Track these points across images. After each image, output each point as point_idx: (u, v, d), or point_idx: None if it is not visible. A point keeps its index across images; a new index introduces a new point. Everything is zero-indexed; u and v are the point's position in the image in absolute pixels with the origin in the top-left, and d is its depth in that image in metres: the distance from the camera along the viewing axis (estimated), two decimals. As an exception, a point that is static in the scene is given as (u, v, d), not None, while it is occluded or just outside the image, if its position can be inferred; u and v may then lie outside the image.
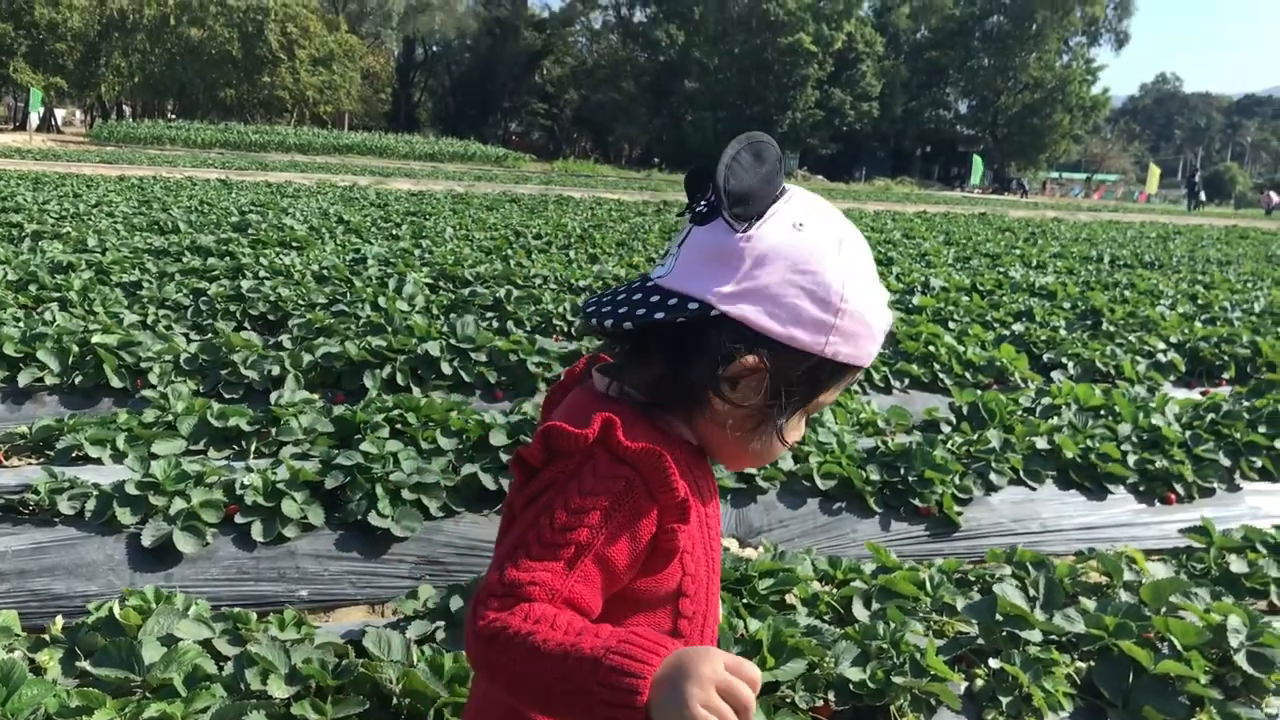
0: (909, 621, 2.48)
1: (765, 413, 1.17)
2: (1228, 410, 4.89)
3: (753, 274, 1.13)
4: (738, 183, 1.12)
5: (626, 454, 1.09)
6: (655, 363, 1.18)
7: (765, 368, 1.13)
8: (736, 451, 1.22)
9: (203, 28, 56.23)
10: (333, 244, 10.60)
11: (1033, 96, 65.79)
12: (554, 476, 1.11)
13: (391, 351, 5.35)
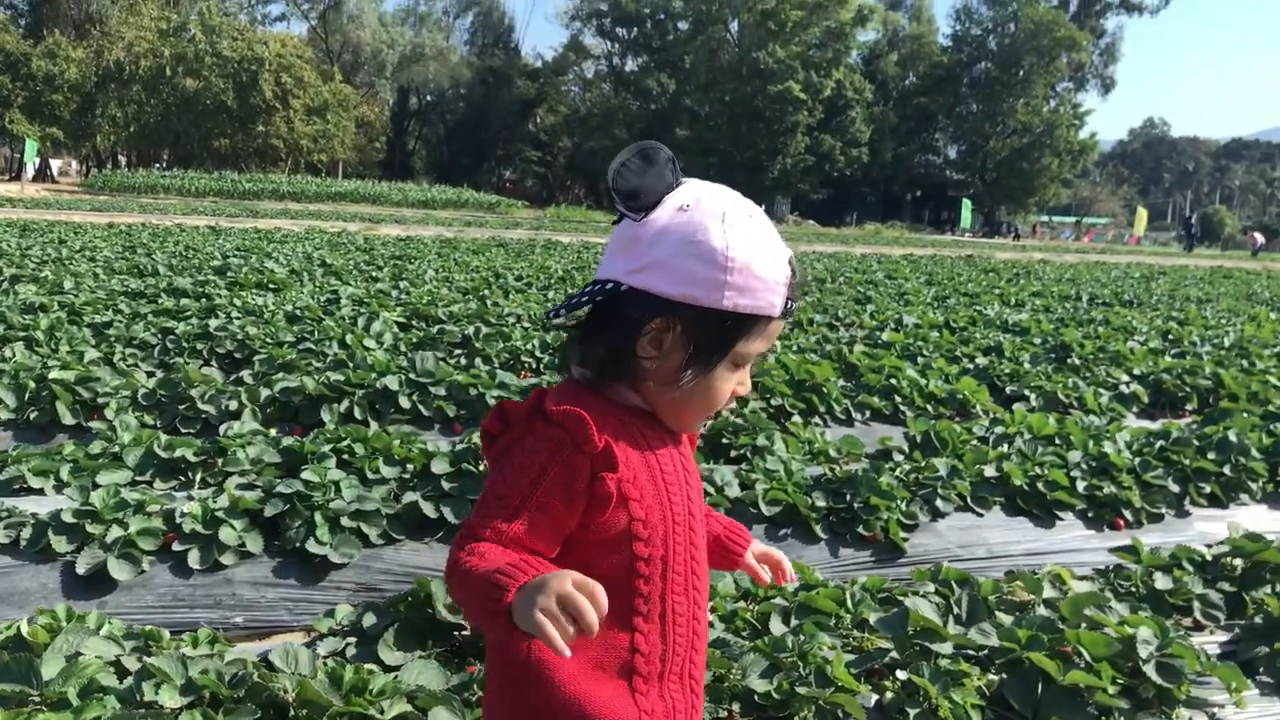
0: (819, 635, 2.49)
1: (689, 367, 1.35)
2: (1178, 437, 4.92)
3: (649, 251, 1.33)
4: (625, 183, 1.34)
5: (554, 416, 1.31)
6: (603, 342, 1.39)
7: (670, 328, 1.34)
8: (676, 407, 1.41)
9: (198, 78, 56.81)
10: (311, 286, 10.66)
11: (1021, 141, 66.49)
12: (505, 443, 1.35)
13: (350, 386, 5.37)
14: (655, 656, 1.40)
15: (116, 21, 57.79)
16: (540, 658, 1.35)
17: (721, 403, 1.42)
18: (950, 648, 2.50)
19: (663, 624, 1.41)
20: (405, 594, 2.67)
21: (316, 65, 63.75)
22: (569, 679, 1.35)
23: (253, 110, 58.52)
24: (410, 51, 71.75)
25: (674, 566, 1.41)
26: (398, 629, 2.55)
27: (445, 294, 10.15)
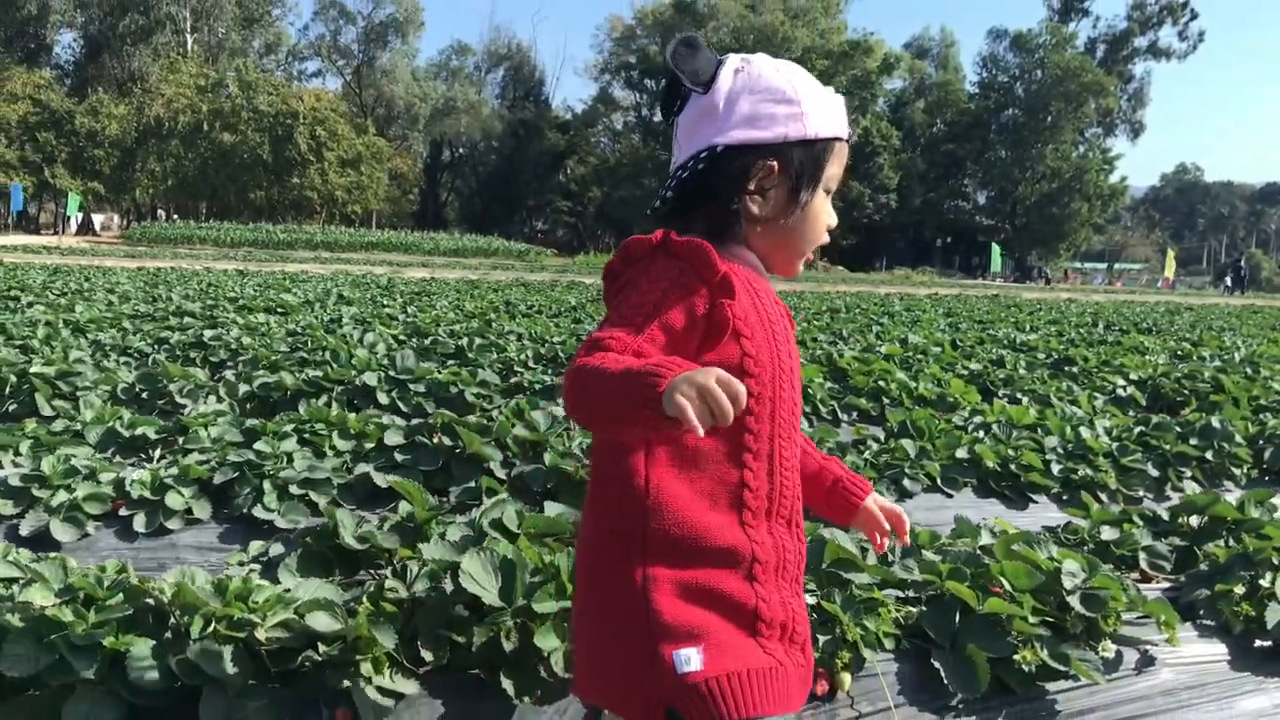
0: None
1: (794, 199, 1.50)
2: (1159, 423, 4.83)
3: (729, 112, 1.48)
4: (686, 64, 1.48)
5: (677, 248, 1.40)
6: (699, 213, 1.51)
7: (778, 167, 1.48)
8: (786, 246, 1.55)
9: (235, 133, 58.08)
10: (320, 311, 10.76)
11: (1050, 186, 66.25)
12: (629, 276, 1.44)
13: (329, 381, 5.40)
14: (763, 494, 1.48)
15: (157, 79, 59.38)
16: (659, 486, 1.42)
17: (823, 232, 1.58)
18: (867, 578, 2.44)
19: (770, 464, 1.49)
20: (313, 526, 2.65)
21: (350, 119, 65.00)
22: (684, 506, 1.42)
23: (288, 163, 59.67)
24: (443, 105, 73.04)
25: (780, 413, 1.50)
26: (301, 555, 2.53)
27: (450, 317, 10.21)
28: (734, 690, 1.37)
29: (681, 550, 1.41)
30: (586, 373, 1.30)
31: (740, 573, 1.44)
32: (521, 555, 2.21)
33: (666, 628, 1.38)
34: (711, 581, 1.41)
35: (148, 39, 63.77)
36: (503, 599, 2.15)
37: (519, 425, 4.11)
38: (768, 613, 1.44)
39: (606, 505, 1.49)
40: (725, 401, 1.18)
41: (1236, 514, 3.10)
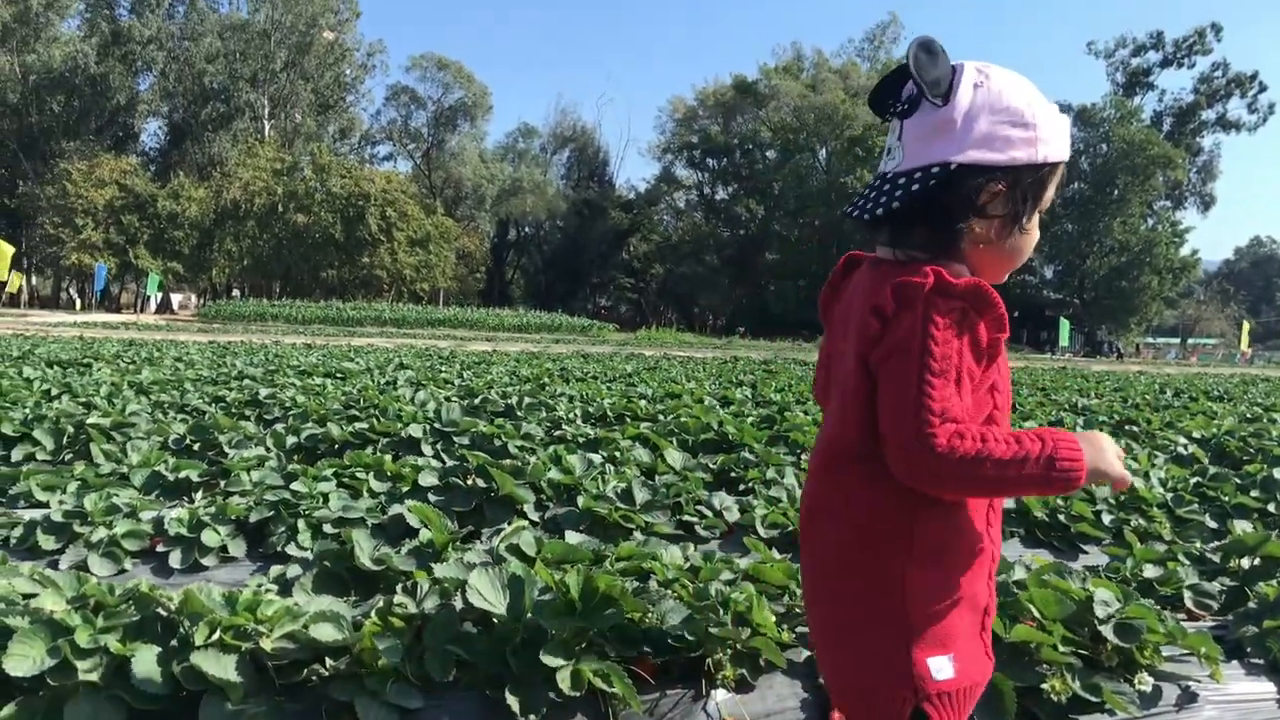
0: (748, 587, 2.38)
1: (1015, 221, 1.53)
2: (1216, 474, 4.66)
3: (968, 129, 1.48)
4: (928, 73, 1.47)
5: (957, 290, 1.42)
6: (921, 226, 1.52)
7: (1005, 188, 1.49)
8: (998, 264, 1.57)
9: (308, 214, 59.92)
10: (378, 376, 10.93)
11: (1119, 260, 65.30)
12: (911, 324, 1.42)
13: (374, 434, 5.45)
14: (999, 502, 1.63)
15: (235, 163, 61.65)
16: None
17: (1030, 250, 1.60)
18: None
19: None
20: (331, 548, 2.65)
21: (420, 199, 66.71)
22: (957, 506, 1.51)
23: (359, 242, 61.29)
24: (509, 185, 74.69)
25: (1007, 414, 1.57)
26: (317, 575, 2.53)
27: (504, 381, 10.30)
28: (965, 700, 1.49)
29: (946, 550, 1.50)
30: (979, 461, 1.36)
31: (984, 573, 1.55)
32: (531, 573, 2.19)
33: (922, 634, 1.46)
34: (964, 585, 1.50)
35: (228, 125, 66.46)
36: (510, 615, 2.13)
37: (554, 469, 4.10)
38: (992, 609, 1.57)
39: (866, 504, 1.52)
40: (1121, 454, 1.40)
41: (1289, 553, 2.97)
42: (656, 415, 7.15)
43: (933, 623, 1.46)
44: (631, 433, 5.86)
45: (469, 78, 73.86)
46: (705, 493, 4.20)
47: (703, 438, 5.93)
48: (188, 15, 66.41)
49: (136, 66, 64.73)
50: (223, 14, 67.54)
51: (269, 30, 66.03)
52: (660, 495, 4.01)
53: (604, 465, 4.45)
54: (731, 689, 2.17)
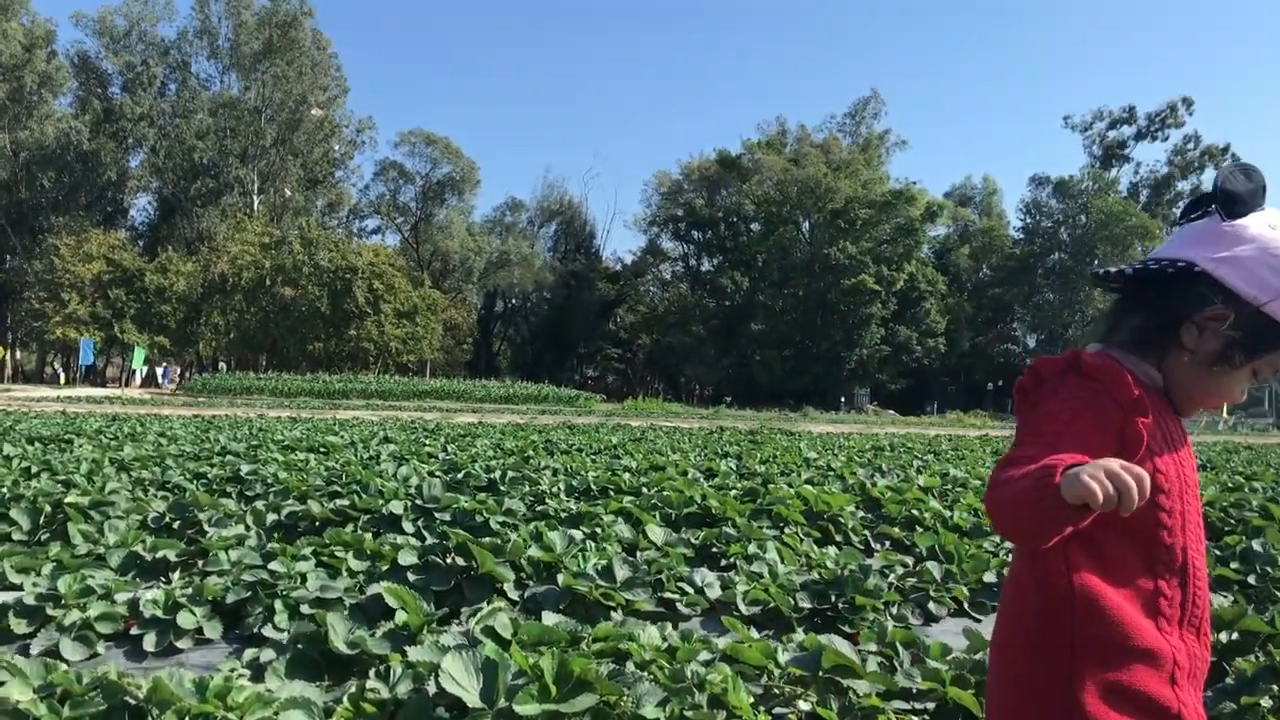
0: (724, 667, 2.37)
1: (1221, 357, 1.52)
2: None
3: (1233, 248, 1.50)
4: (1236, 186, 1.52)
5: (1090, 369, 1.47)
6: (1139, 312, 1.57)
7: (1229, 315, 1.49)
8: (1194, 390, 1.57)
9: (296, 287, 60.08)
10: (362, 451, 10.88)
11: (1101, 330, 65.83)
12: (1041, 394, 1.50)
13: (355, 510, 5.43)
14: (1177, 603, 1.51)
15: (223, 238, 61.98)
16: (1084, 588, 1.46)
17: (1229, 399, 1.59)
18: (866, 685, 2.36)
19: (1183, 575, 1.52)
20: (305, 632, 2.63)
21: (407, 272, 67.00)
22: (1112, 607, 1.45)
23: (346, 315, 61.37)
24: (497, 258, 75.19)
25: (1189, 525, 1.54)
26: (290, 660, 2.51)
27: (489, 454, 10.27)
28: None
29: (1109, 650, 1.45)
30: (998, 484, 1.38)
31: (1164, 676, 1.47)
32: (505, 657, 2.18)
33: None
34: (1137, 684, 1.44)
35: (217, 200, 66.95)
36: (483, 700, 2.12)
37: (534, 546, 4.09)
38: (1188, 717, 1.47)
39: (1032, 607, 1.52)
40: (1129, 479, 1.22)
41: (1268, 628, 2.97)
42: (640, 488, 7.14)
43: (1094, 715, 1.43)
44: (614, 507, 5.84)
45: (456, 152, 74.76)
46: (687, 569, 4.19)
47: (686, 511, 5.92)
48: (179, 93, 67.29)
49: (128, 143, 65.36)
50: (214, 91, 68.45)
51: (259, 107, 66.89)
52: (641, 572, 3.99)
53: (585, 542, 4.44)
54: (707, 773, 2.15)
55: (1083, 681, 1.45)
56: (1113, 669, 1.45)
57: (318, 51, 69.29)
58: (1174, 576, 1.51)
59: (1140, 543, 1.49)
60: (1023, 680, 1.52)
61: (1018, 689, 1.53)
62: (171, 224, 67.97)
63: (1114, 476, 1.23)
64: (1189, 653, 1.51)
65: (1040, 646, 1.50)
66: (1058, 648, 1.47)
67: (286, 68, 66.36)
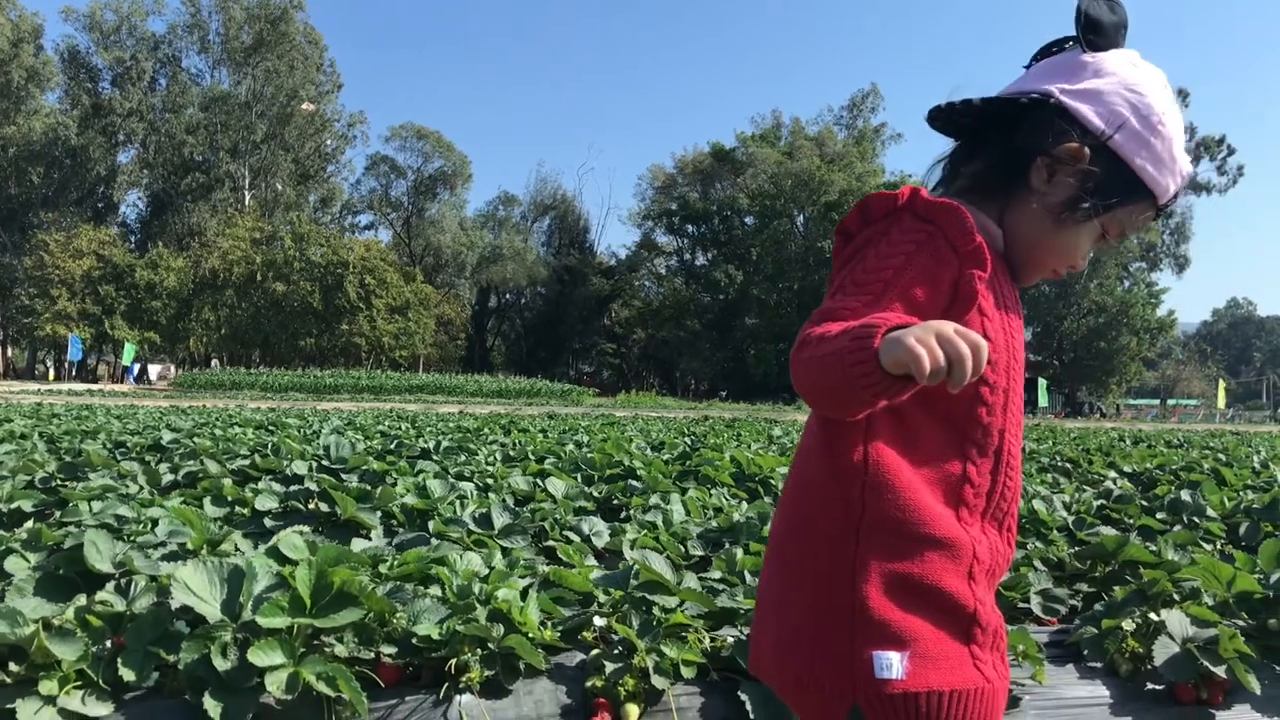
0: (514, 583, 2.15)
1: (1071, 204, 1.35)
2: (1120, 495, 4.44)
3: (1092, 80, 1.34)
4: (1098, 14, 1.35)
5: (928, 210, 1.26)
6: (981, 156, 1.39)
7: (1085, 156, 1.33)
8: (1038, 246, 1.39)
9: (287, 282, 59.86)
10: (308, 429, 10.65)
11: (1097, 321, 65.62)
12: (866, 237, 1.29)
13: (256, 470, 5.22)
14: (984, 491, 1.33)
15: (214, 233, 61.75)
16: (879, 462, 1.28)
17: (1073, 260, 1.42)
18: (676, 601, 2.14)
19: (996, 461, 1.34)
20: (66, 550, 2.40)
21: (399, 267, 66.77)
22: (907, 486, 1.27)
23: (337, 310, 61.18)
24: (489, 253, 74.96)
25: (1012, 407, 1.36)
26: (41, 578, 2.21)
27: (440, 428, 10.05)
28: (931, 710, 1.23)
29: (901, 535, 1.27)
30: (810, 341, 1.18)
31: (961, 570, 1.29)
32: (253, 566, 1.96)
33: (871, 623, 1.25)
34: (930, 577, 1.26)
35: (208, 196, 66.76)
36: (224, 612, 1.89)
37: (410, 494, 3.87)
38: (985, 616, 1.30)
39: (816, 481, 1.34)
40: (963, 348, 1.04)
41: (1151, 557, 2.75)
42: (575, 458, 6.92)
43: (885, 614, 1.24)
44: (533, 469, 5.63)
45: (448, 147, 74.57)
46: (575, 519, 3.96)
47: (608, 473, 5.70)
48: (169, 88, 67.06)
49: (117, 139, 65.17)
50: (204, 86, 68.25)
51: (250, 102, 66.67)
52: (523, 520, 3.77)
53: (476, 493, 4.22)
54: (477, 693, 1.93)
55: (867, 571, 1.26)
56: (902, 559, 1.26)
57: (309, 46, 69.09)
58: (986, 461, 1.32)
59: (954, 420, 1.30)
60: (801, 564, 1.33)
61: (795, 574, 1.34)
62: (162, 220, 67.76)
63: (947, 343, 1.04)
64: (990, 546, 1.33)
65: (823, 528, 1.30)
66: (843, 531, 1.28)
67: (277, 62, 66.15)
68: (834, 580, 1.28)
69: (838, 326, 1.16)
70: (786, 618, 1.33)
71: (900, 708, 1.22)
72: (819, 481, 1.33)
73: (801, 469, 1.38)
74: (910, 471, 1.28)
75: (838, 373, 1.11)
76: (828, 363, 1.12)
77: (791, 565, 1.35)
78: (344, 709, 1.86)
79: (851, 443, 1.28)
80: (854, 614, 1.25)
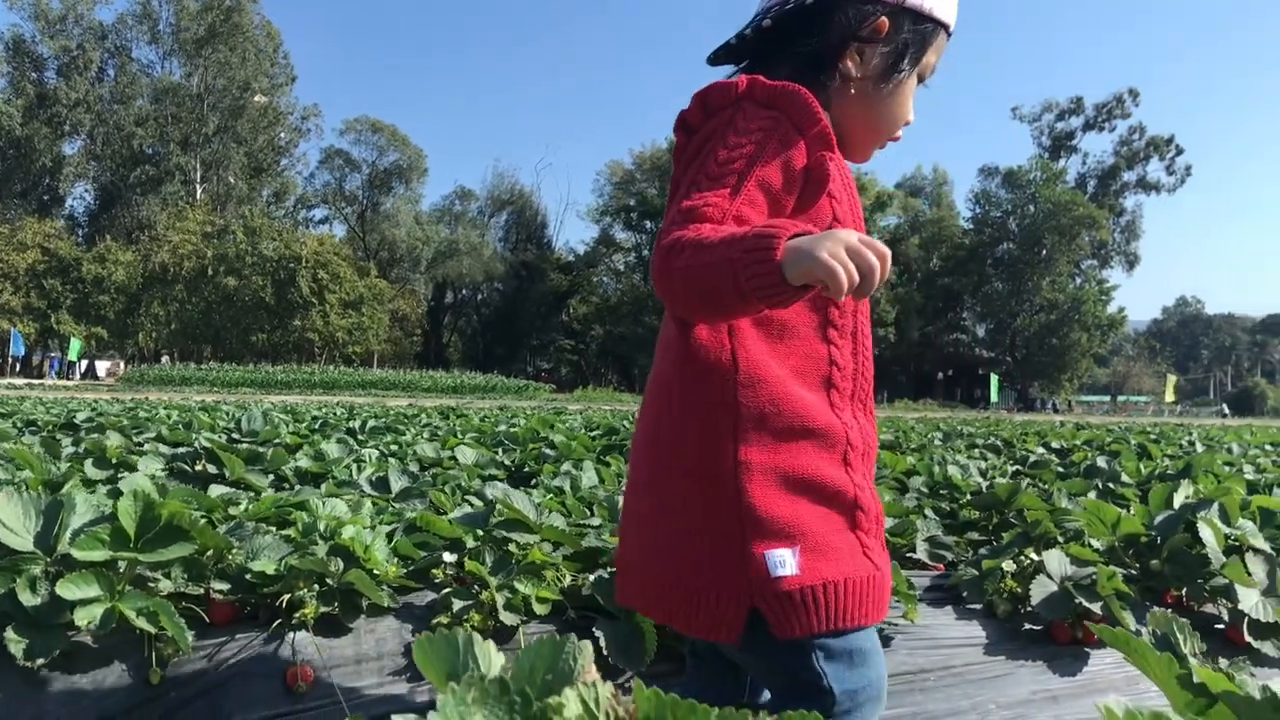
0: (358, 517, 2.05)
1: (891, 70, 1.36)
2: (1036, 461, 4.42)
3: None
4: None
5: (769, 95, 1.24)
6: (791, 55, 1.35)
7: (887, 26, 1.34)
8: (868, 122, 1.40)
9: (239, 277, 59.02)
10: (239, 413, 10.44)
11: (1049, 318, 66.50)
12: (711, 129, 1.26)
13: (167, 444, 5.05)
14: (849, 373, 1.35)
15: (164, 226, 60.74)
16: (749, 359, 1.26)
17: (904, 120, 1.43)
18: (536, 538, 2.05)
19: (854, 341, 1.36)
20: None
21: (354, 262, 66.08)
22: (777, 380, 1.26)
23: (290, 306, 60.43)
24: (445, 248, 74.42)
25: (860, 313, 1.38)
26: None
27: (372, 412, 9.89)
28: (829, 601, 1.22)
29: (777, 430, 1.25)
30: (683, 246, 1.13)
31: (837, 457, 1.29)
32: (73, 498, 1.84)
33: (759, 522, 1.22)
34: (809, 469, 1.25)
35: (158, 189, 65.64)
36: (39, 546, 1.77)
37: (304, 457, 3.74)
38: (865, 501, 1.30)
39: (684, 385, 1.29)
40: (873, 259, 1.05)
41: (1042, 505, 2.70)
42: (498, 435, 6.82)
43: (771, 511, 1.22)
44: (453, 444, 5.51)
45: (404, 141, 73.91)
46: (480, 484, 3.86)
47: (529, 447, 5.60)
48: (118, 78, 65.85)
49: (64, 129, 63.86)
50: (154, 77, 67.09)
51: (202, 94, 65.64)
52: (422, 484, 3.66)
53: (372, 458, 4.10)
54: (312, 629, 1.82)
55: (749, 470, 1.23)
56: (781, 454, 1.25)
57: (263, 38, 68.16)
58: (846, 342, 1.34)
59: (814, 303, 1.30)
60: (675, 476, 1.28)
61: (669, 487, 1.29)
62: (110, 213, 66.55)
63: (856, 255, 1.03)
64: (861, 430, 1.35)
65: (696, 432, 1.27)
66: (718, 433, 1.25)
67: (230, 54, 65.15)
68: (715, 485, 1.24)
69: (714, 231, 1.12)
70: (663, 535, 1.29)
71: (799, 603, 1.20)
72: (686, 385, 1.29)
73: (664, 375, 1.34)
74: (777, 364, 1.27)
75: (728, 283, 1.07)
76: (714, 272, 1.08)
77: (663, 479, 1.30)
78: (166, 646, 1.75)
79: (718, 342, 1.27)
80: (741, 516, 1.22)
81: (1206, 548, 2.20)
